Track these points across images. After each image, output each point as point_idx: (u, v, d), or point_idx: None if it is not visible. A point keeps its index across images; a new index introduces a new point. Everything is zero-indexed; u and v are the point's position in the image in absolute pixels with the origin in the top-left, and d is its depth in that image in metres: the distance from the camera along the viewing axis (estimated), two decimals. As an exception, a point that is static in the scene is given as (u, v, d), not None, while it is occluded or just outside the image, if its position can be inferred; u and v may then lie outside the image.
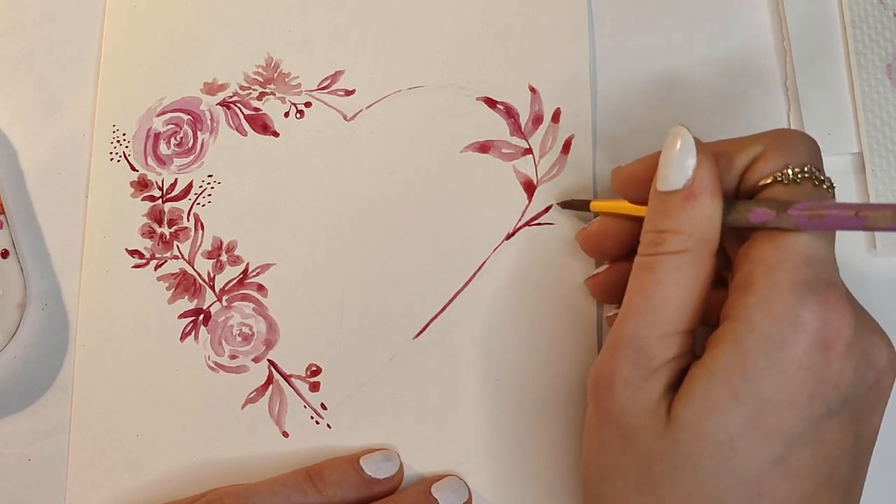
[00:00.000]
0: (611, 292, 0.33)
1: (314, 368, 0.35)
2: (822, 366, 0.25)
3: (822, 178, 0.27)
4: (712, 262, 0.27)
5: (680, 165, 0.27)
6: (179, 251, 0.36)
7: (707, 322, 0.31)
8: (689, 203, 0.27)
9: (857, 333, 0.25)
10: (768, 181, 0.27)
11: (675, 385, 0.27)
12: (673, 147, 0.27)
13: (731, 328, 0.26)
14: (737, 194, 0.29)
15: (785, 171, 0.27)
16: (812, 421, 0.25)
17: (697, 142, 0.27)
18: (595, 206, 0.33)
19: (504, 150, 0.36)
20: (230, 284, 0.36)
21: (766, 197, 0.27)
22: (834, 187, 0.27)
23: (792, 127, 0.36)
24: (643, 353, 0.26)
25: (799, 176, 0.27)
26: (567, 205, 0.35)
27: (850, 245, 0.35)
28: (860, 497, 0.27)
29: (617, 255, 0.33)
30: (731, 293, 0.27)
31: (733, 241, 0.29)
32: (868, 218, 0.24)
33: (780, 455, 0.25)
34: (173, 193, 0.36)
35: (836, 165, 0.36)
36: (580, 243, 0.34)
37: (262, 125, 0.37)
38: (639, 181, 0.30)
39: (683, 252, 0.27)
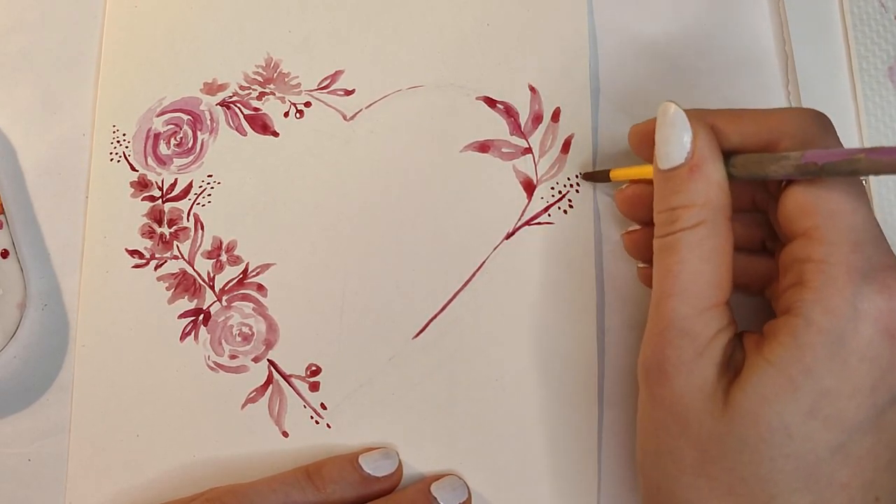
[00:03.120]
0: (643, 250, 0.34)
1: (314, 368, 0.35)
2: (886, 356, 0.24)
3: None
4: (729, 229, 0.27)
5: (677, 141, 0.27)
6: (179, 251, 0.36)
7: (748, 291, 0.31)
8: (694, 175, 0.27)
9: None
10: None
11: (726, 364, 0.27)
12: (665, 124, 0.28)
13: (790, 322, 0.25)
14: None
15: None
16: (875, 410, 0.25)
17: (689, 113, 0.27)
18: (614, 174, 0.33)
19: (504, 150, 0.36)
20: (230, 284, 0.36)
21: (794, 195, 0.27)
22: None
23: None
24: (687, 334, 0.26)
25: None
26: (589, 176, 0.35)
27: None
28: None
29: (650, 219, 0.33)
30: (785, 290, 0.26)
31: (772, 203, 0.29)
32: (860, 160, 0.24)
33: (840, 443, 0.25)
34: (173, 193, 0.36)
35: (837, 167, 0.36)
36: (618, 206, 0.34)
37: (262, 125, 0.37)
38: (653, 138, 0.30)
39: (699, 225, 0.27)
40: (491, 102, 0.37)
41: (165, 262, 0.36)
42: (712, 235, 0.27)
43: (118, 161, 0.37)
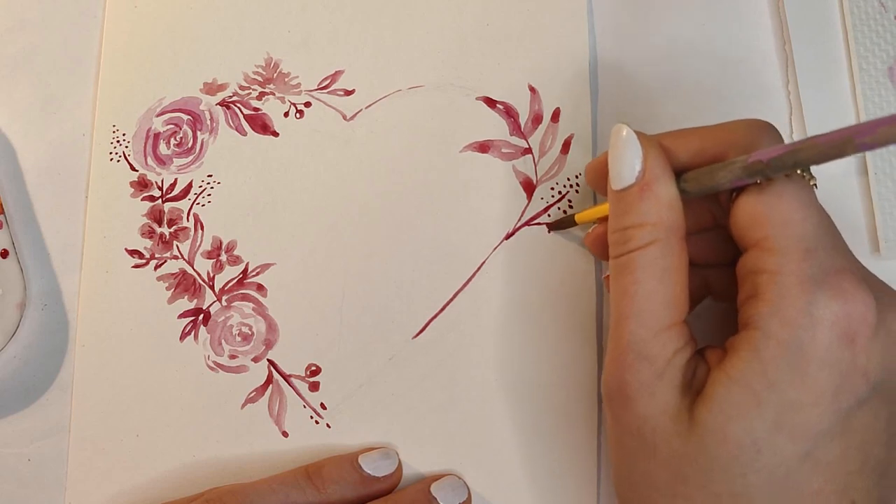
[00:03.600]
0: None
1: (314, 368, 0.35)
2: (847, 360, 0.24)
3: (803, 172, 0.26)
4: (684, 248, 0.27)
5: (628, 160, 0.27)
6: (179, 251, 0.36)
7: (722, 297, 0.31)
8: (645, 194, 0.27)
9: (880, 314, 0.25)
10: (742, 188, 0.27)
11: (688, 383, 0.27)
12: (617, 145, 0.28)
13: (749, 336, 0.25)
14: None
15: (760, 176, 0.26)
16: (839, 415, 0.25)
17: (640, 134, 0.28)
18: (580, 217, 0.33)
19: (504, 150, 0.36)
20: (230, 284, 0.36)
21: (744, 206, 0.27)
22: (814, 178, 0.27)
23: (794, 131, 0.36)
24: (644, 357, 0.26)
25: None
26: (555, 226, 0.35)
27: (853, 249, 0.35)
28: None
29: None
30: (743, 303, 0.26)
31: (727, 217, 0.29)
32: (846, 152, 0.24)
33: (807, 451, 0.25)
34: (173, 193, 0.36)
35: (838, 168, 0.36)
36: (589, 248, 0.34)
37: (262, 125, 0.37)
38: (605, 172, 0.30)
39: (651, 244, 0.27)
40: (491, 103, 0.37)
41: (165, 261, 0.36)
42: (665, 255, 0.27)
43: (118, 161, 0.37)
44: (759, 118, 0.29)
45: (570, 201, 0.36)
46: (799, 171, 0.26)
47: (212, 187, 0.36)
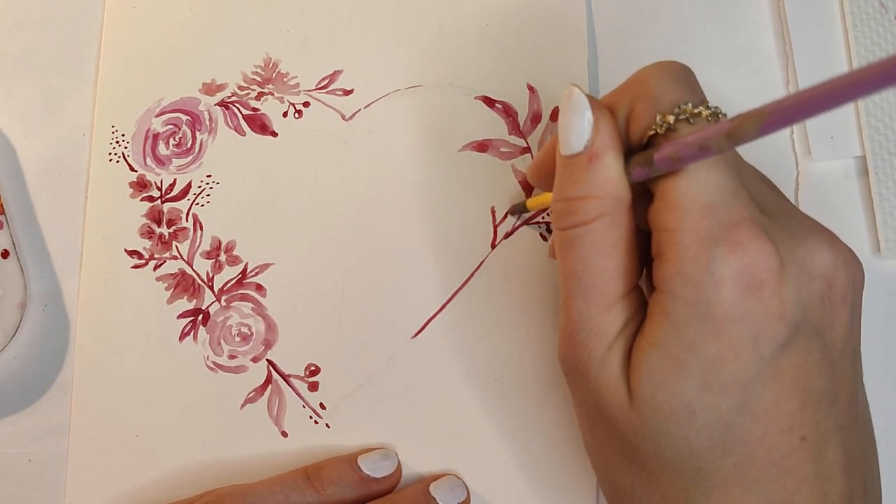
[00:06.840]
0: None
1: (313, 368, 0.35)
2: (758, 308, 0.24)
3: (697, 111, 0.25)
4: (631, 217, 0.26)
5: (578, 126, 0.26)
6: (178, 251, 0.36)
7: None
8: (593, 164, 0.26)
9: (785, 255, 0.24)
10: (651, 134, 0.26)
11: (629, 354, 0.26)
12: (567, 108, 0.26)
13: (659, 301, 0.25)
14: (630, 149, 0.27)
15: (658, 122, 0.25)
16: (764, 361, 0.24)
17: (592, 99, 0.26)
18: (530, 202, 0.34)
19: (502, 149, 0.36)
20: (229, 284, 0.36)
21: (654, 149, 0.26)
22: (717, 113, 0.26)
23: (794, 130, 0.36)
24: (595, 334, 0.26)
25: (672, 123, 0.25)
26: (512, 211, 0.36)
27: (854, 249, 0.35)
28: (854, 393, 0.27)
29: None
30: (654, 260, 0.26)
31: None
32: (711, 149, 0.23)
33: (742, 402, 0.25)
34: (172, 194, 0.36)
35: (839, 169, 0.36)
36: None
37: (261, 125, 0.37)
38: (547, 170, 0.29)
39: (599, 217, 0.26)
40: (489, 102, 0.37)
41: (164, 262, 0.36)
42: (613, 228, 0.26)
43: (117, 161, 0.37)
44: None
45: (568, 201, 0.36)
46: (707, 117, 0.25)
47: (211, 187, 0.36)
